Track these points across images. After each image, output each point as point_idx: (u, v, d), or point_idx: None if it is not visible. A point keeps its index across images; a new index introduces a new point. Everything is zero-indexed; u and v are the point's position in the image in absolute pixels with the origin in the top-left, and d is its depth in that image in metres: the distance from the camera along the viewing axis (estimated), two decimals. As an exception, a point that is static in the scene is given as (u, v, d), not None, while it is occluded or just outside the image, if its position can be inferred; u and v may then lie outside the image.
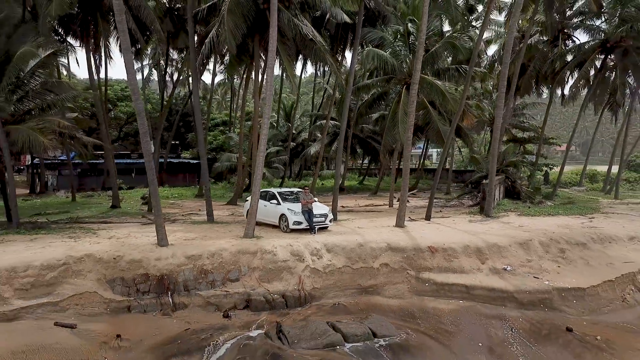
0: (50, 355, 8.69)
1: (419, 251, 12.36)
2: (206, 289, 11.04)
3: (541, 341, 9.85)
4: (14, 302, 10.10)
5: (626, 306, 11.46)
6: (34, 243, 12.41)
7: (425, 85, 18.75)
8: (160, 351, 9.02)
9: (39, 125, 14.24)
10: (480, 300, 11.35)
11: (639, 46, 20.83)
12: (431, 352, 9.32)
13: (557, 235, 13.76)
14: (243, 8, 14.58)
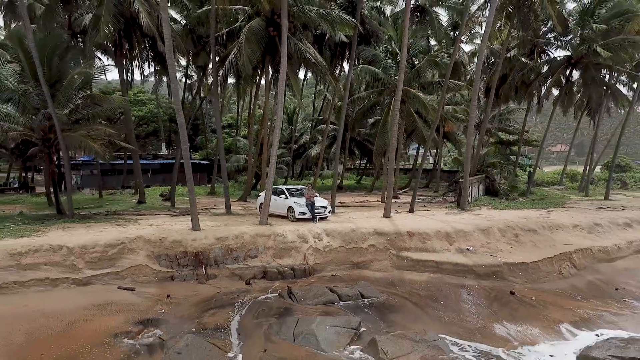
0: (120, 307, 11.74)
1: (400, 235, 15.44)
2: (231, 263, 14.11)
3: (490, 301, 12.91)
4: (85, 271, 13.16)
5: (561, 277, 14.52)
6: (91, 229, 15.47)
7: (411, 97, 21.82)
8: (201, 306, 12.07)
9: (89, 133, 17.32)
10: (447, 272, 14.41)
11: (596, 63, 23.88)
12: (405, 308, 12.37)
13: (514, 224, 16.83)
14: (257, 36, 17.61)
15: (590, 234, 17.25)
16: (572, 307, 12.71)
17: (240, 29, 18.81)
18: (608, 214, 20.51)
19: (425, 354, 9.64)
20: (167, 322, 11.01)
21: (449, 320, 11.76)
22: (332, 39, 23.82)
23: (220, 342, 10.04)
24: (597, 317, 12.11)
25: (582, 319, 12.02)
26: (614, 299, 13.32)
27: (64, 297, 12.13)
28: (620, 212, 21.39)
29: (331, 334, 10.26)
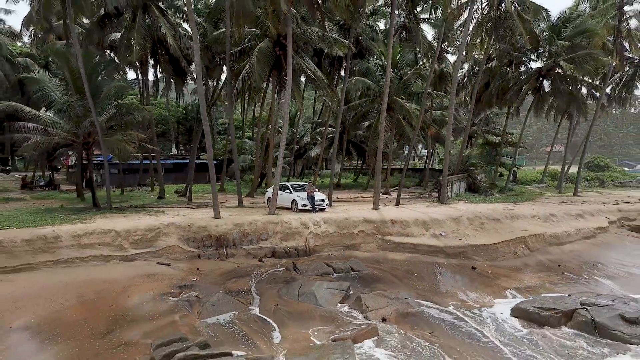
0: (161, 277, 14.95)
1: (385, 223, 18.65)
2: (247, 244, 17.33)
3: (454, 273, 16.13)
4: (130, 250, 16.37)
5: (516, 257, 17.75)
6: (129, 218, 18.68)
7: (399, 106, 25.00)
8: (225, 276, 15.29)
9: (125, 138, 20.55)
10: (422, 253, 17.63)
11: (562, 74, 27.03)
12: (386, 279, 15.57)
13: (482, 214, 20.04)
14: (266, 55, 20.76)
15: (545, 223, 20.46)
16: (520, 278, 15.95)
17: (251, 47, 22.02)
18: (566, 207, 23.72)
19: (397, 308, 12.86)
20: (199, 286, 14.22)
21: (420, 288, 14.99)
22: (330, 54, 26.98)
23: (243, 299, 13.28)
24: (538, 286, 15.34)
25: (526, 287, 15.25)
26: (555, 273, 16.56)
27: (115, 269, 15.35)
28: (579, 205, 24.62)
29: (327, 294, 13.49)
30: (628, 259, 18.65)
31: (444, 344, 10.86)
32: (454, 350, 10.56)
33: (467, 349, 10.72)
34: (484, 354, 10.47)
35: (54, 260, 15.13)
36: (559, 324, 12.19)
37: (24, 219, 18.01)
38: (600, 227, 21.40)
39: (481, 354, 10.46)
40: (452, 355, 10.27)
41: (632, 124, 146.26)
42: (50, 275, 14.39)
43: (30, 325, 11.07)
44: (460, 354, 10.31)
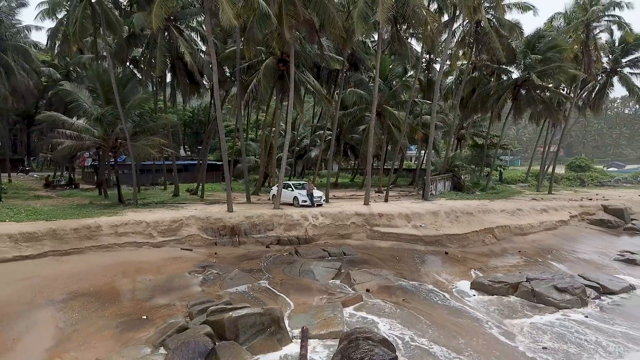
0: (186, 259, 18.07)
1: (373, 216, 21.80)
2: (256, 234, 20.48)
3: (430, 257, 19.26)
4: (158, 238, 19.50)
5: (483, 245, 20.91)
6: (154, 212, 21.80)
7: (388, 113, 28.13)
8: (239, 259, 18.42)
9: (148, 143, 23.69)
10: (404, 241, 20.77)
11: (534, 86, 30.13)
12: (372, 261, 18.67)
13: (457, 209, 23.20)
14: (270, 71, 23.86)
15: (512, 216, 23.61)
16: (484, 261, 19.11)
17: (257, 62, 25.18)
18: (534, 203, 26.89)
19: (379, 282, 16.01)
20: (218, 266, 17.35)
21: (400, 269, 18.12)
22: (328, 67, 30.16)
23: (255, 276, 16.42)
24: (499, 267, 18.48)
25: (488, 267, 18.41)
26: (515, 257, 19.71)
27: (147, 253, 18.48)
28: (546, 202, 27.77)
29: (322, 271, 16.64)
30: (581, 246, 21.82)
31: (413, 307, 14.00)
32: (420, 310, 13.70)
33: (431, 309, 13.87)
34: (444, 312, 13.63)
35: (97, 245, 18.28)
36: (507, 293, 15.35)
37: (65, 213, 21.16)
38: (561, 220, 24.56)
39: (441, 312, 13.61)
40: (417, 311, 13.42)
41: (626, 125, 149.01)
42: (95, 257, 17.54)
43: (90, 292, 14.22)
44: (424, 312, 13.46)
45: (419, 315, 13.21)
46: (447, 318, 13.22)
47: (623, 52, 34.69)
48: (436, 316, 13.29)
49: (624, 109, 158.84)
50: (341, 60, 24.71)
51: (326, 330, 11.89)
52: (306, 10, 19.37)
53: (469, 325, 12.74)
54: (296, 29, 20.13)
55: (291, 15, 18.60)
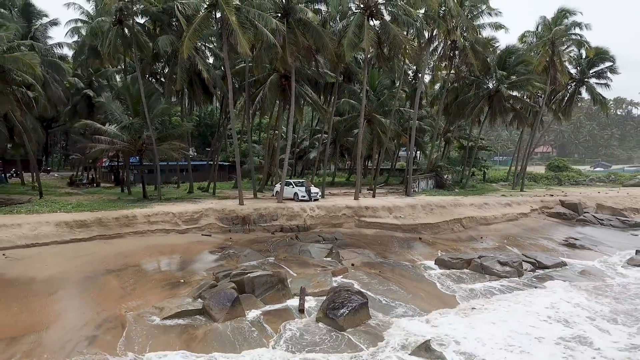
0: (207, 242, 22.22)
1: (361, 208, 25.98)
2: (263, 223, 24.64)
3: (406, 242, 23.42)
4: (182, 226, 23.66)
5: (452, 232, 25.09)
6: (177, 205, 25.96)
7: (377, 121, 32.31)
8: (250, 242, 22.57)
9: (170, 147, 27.86)
10: (386, 229, 24.93)
11: (506, 95, 34.30)
12: (358, 244, 22.80)
13: (432, 203, 27.38)
14: (275, 85, 27.95)
15: (479, 209, 27.79)
16: (451, 245, 23.28)
17: (264, 78, 29.33)
18: (501, 198, 31.09)
19: (362, 259, 20.17)
20: (234, 247, 21.49)
21: (381, 250, 22.29)
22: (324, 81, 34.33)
23: (263, 254, 20.56)
24: (461, 250, 22.63)
25: (453, 249, 22.57)
26: (476, 242, 23.88)
27: (175, 238, 22.64)
28: (513, 197, 31.98)
29: (317, 251, 20.78)
30: (536, 234, 26.00)
31: (387, 276, 18.16)
32: (391, 278, 17.86)
33: (400, 278, 18.04)
34: (410, 278, 17.81)
35: (134, 231, 22.46)
36: (462, 267, 19.51)
37: (103, 206, 25.31)
38: (522, 213, 28.75)
39: (408, 278, 17.79)
40: (389, 278, 17.59)
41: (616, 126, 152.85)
42: (134, 240, 21.73)
43: (136, 265, 18.37)
44: (394, 280, 17.62)
45: (389, 281, 17.38)
46: (411, 283, 17.42)
47: (589, 64, 38.81)
48: (403, 282, 17.47)
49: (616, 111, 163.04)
50: (334, 76, 28.88)
51: (319, 289, 16.03)
52: (305, 39, 23.51)
53: (426, 287, 16.93)
54: (297, 52, 24.25)
55: (292, 43, 22.76)
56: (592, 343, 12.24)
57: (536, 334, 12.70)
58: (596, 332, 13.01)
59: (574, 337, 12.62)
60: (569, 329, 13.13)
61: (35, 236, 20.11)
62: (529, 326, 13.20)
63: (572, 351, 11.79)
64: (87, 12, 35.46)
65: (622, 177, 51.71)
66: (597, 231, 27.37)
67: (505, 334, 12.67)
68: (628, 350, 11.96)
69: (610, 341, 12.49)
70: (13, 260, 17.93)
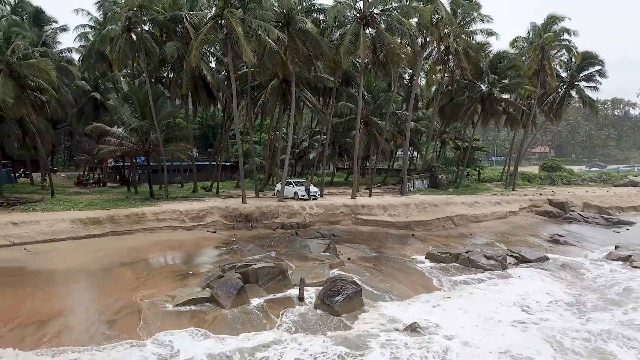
0: (212, 238, 23.65)
1: (357, 206, 27.41)
2: (265, 220, 26.07)
3: (400, 238, 24.85)
4: (189, 223, 25.09)
5: (444, 229, 26.52)
6: (183, 203, 27.39)
7: (373, 123, 33.75)
8: (252, 238, 23.99)
9: (176, 148, 29.29)
10: (381, 226, 26.36)
11: (498, 99, 35.74)
12: (354, 240, 24.23)
13: (425, 201, 28.80)
14: (275, 90, 29.37)
15: (470, 207, 29.22)
16: (442, 241, 24.70)
17: (265, 82, 30.75)
18: (492, 197, 32.52)
19: (358, 254, 21.61)
20: (237, 243, 22.92)
21: (376, 245, 23.71)
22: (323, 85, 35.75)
23: (266, 249, 21.99)
24: (451, 245, 24.05)
25: (444, 245, 23.98)
26: (466, 238, 25.32)
27: (182, 234, 24.07)
28: (503, 196, 33.39)
29: (316, 246, 22.22)
30: (523, 231, 27.43)
31: (380, 269, 19.59)
32: (384, 271, 19.29)
33: (392, 270, 19.46)
34: (402, 270, 19.24)
35: (143, 228, 23.91)
36: (450, 261, 20.92)
37: (113, 204, 26.74)
38: (511, 211, 30.19)
39: (400, 270, 19.22)
40: (382, 271, 19.02)
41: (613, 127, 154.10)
42: (144, 236, 23.17)
43: (147, 258, 19.82)
44: (386, 272, 19.05)
45: (382, 274, 18.82)
46: (402, 275, 18.84)
47: (578, 68, 40.23)
48: (395, 274, 18.90)
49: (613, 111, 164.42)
50: (332, 80, 30.33)
51: (317, 280, 17.45)
52: (304, 47, 24.95)
53: (416, 278, 18.37)
54: (297, 59, 25.68)
55: (293, 51, 24.19)
56: (541, 325, 13.79)
57: (498, 317, 14.33)
58: (551, 315, 14.59)
59: (528, 319, 14.25)
60: (527, 314, 14.76)
61: (52, 232, 21.57)
62: (494, 310, 14.91)
63: (523, 332, 13.35)
64: (96, 18, 36.96)
65: (613, 177, 53.13)
66: (582, 228, 28.80)
67: (474, 316, 14.35)
68: (565, 330, 13.38)
69: (559, 322, 14.03)
70: (34, 254, 19.40)
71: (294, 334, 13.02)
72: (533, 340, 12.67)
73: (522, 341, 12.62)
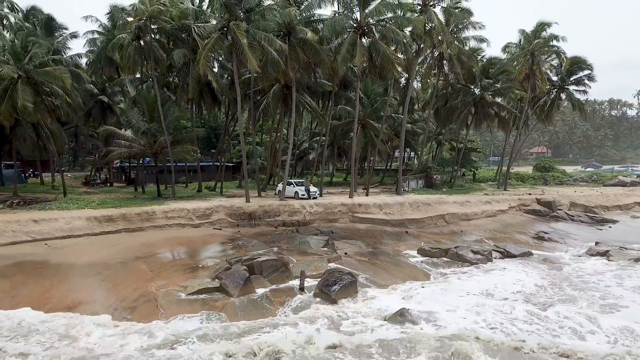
0: (218, 235, 25.25)
1: (354, 205, 29.02)
2: (267, 218, 27.68)
3: (395, 235, 26.45)
4: (196, 221, 26.69)
5: (436, 226, 28.13)
6: (190, 202, 28.97)
7: (370, 126, 35.37)
8: (256, 234, 25.59)
9: (183, 149, 30.89)
10: (377, 224, 27.96)
11: (490, 102, 37.36)
12: (351, 237, 25.82)
13: (419, 200, 30.41)
14: (277, 95, 30.99)
15: (461, 206, 30.83)
16: (433, 238, 26.31)
17: (267, 87, 32.38)
18: (483, 197, 34.13)
19: (354, 249, 23.21)
20: (242, 239, 24.50)
21: (371, 242, 25.31)
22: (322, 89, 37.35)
23: (268, 244, 23.59)
24: (442, 241, 25.66)
25: (435, 241, 25.61)
26: (456, 235, 26.93)
27: (190, 231, 25.66)
28: (494, 196, 35.02)
29: (315, 242, 23.82)
30: (511, 229, 29.04)
31: (374, 262, 21.20)
32: (378, 264, 20.90)
33: (385, 264, 21.08)
34: (394, 264, 20.86)
35: (153, 225, 25.50)
36: (440, 256, 22.53)
37: (124, 203, 28.34)
38: (500, 210, 31.80)
39: (393, 264, 20.83)
40: (376, 264, 20.63)
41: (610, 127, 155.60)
42: (154, 233, 24.76)
43: (159, 253, 21.42)
44: (380, 266, 20.66)
45: (376, 267, 20.45)
46: (395, 268, 20.47)
47: (568, 73, 41.86)
48: (388, 267, 20.53)
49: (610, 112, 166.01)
50: (330, 85, 31.95)
51: (316, 272, 19.05)
52: (305, 55, 26.58)
53: (407, 271, 19.99)
54: (298, 66, 27.31)
55: (293, 59, 25.82)
56: (498, 309, 15.48)
57: (464, 300, 16.21)
58: (510, 301, 16.30)
59: (487, 304, 15.97)
60: (489, 299, 16.55)
61: (70, 229, 23.18)
62: (465, 294, 16.85)
63: (476, 315, 14.99)
64: (105, 25, 38.52)
65: (604, 177, 54.75)
66: (567, 226, 30.42)
67: (450, 300, 16.26)
68: (513, 319, 14.87)
69: (517, 308, 15.67)
70: (55, 249, 21.01)
71: (296, 315, 14.67)
72: (471, 318, 14.55)
73: (463, 318, 14.55)
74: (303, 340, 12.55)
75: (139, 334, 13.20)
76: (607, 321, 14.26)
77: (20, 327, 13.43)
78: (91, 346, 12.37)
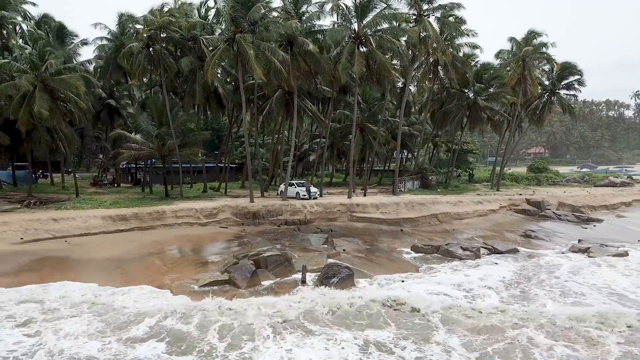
0: (225, 233, 26.92)
1: (353, 205, 30.69)
2: (270, 217, 29.34)
3: (390, 233, 28.12)
4: (203, 220, 28.34)
5: (429, 225, 29.80)
6: (197, 202, 30.64)
7: (368, 129, 37.06)
8: (260, 232, 27.25)
9: (191, 151, 32.56)
10: (373, 222, 29.62)
11: (483, 107, 39.07)
12: (350, 235, 27.48)
13: (413, 200, 32.07)
14: (280, 100, 32.66)
15: (454, 206, 32.50)
16: (427, 236, 27.97)
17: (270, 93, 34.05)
18: (475, 197, 35.79)
19: (352, 246, 24.86)
20: (247, 237, 26.16)
21: (368, 239, 26.96)
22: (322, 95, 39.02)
23: (272, 242, 25.25)
24: (434, 239, 27.31)
25: (428, 239, 27.26)
26: (449, 234, 28.60)
27: (198, 229, 27.32)
28: (486, 196, 36.69)
29: (316, 240, 25.48)
30: (501, 227, 30.68)
31: (371, 258, 22.86)
32: (374, 260, 22.55)
33: (380, 260, 22.73)
34: (389, 259, 22.52)
35: (164, 224, 27.17)
36: (432, 252, 24.19)
37: (135, 203, 29.99)
38: (491, 209, 33.46)
39: (388, 259, 22.50)
40: (372, 260, 22.30)
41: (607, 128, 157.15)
42: (164, 231, 26.43)
43: (171, 249, 23.08)
44: (375, 261, 22.32)
45: (372, 262, 22.11)
46: (389, 263, 22.14)
47: (559, 77, 43.55)
48: (383, 262, 22.19)
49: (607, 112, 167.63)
50: (330, 91, 33.66)
51: (316, 267, 20.66)
52: (306, 64, 28.28)
53: (400, 265, 21.67)
54: (299, 75, 29.00)
55: (295, 68, 27.50)
56: (469, 300, 17.13)
57: (440, 289, 18.08)
58: (479, 292, 17.94)
59: (455, 294, 17.63)
60: (459, 290, 18.09)
61: (86, 227, 24.86)
62: (443, 285, 18.61)
63: (442, 303, 16.45)
64: (113, 32, 40.21)
65: (595, 177, 56.45)
66: (554, 225, 32.08)
67: (430, 288, 18.11)
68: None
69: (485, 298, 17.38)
70: (74, 246, 22.68)
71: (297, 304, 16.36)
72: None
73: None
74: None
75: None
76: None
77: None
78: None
